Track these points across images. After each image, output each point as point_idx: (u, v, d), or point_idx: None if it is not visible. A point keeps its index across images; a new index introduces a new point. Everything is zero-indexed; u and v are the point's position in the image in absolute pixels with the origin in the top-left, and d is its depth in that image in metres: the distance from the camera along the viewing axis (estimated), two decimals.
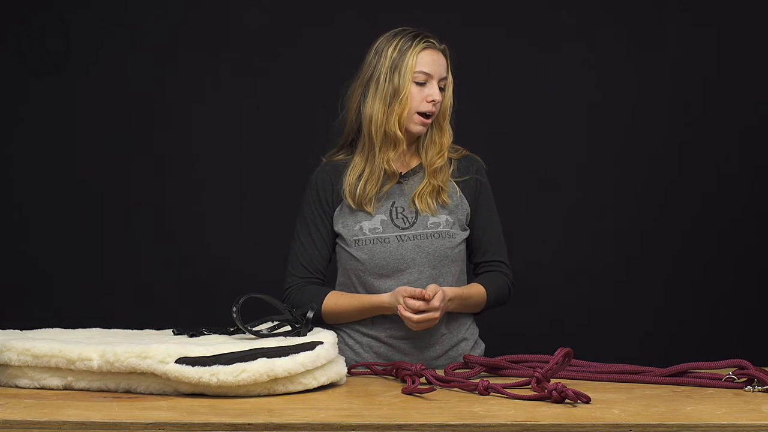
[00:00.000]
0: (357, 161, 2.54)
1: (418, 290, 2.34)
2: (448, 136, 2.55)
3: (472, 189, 2.58)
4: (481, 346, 2.62)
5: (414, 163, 2.58)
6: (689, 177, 4.04)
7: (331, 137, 2.63)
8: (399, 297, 2.37)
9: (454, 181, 2.56)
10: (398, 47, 2.48)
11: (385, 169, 2.51)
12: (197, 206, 4.05)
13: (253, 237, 4.01)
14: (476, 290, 2.53)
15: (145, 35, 4.04)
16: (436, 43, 2.51)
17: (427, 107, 2.49)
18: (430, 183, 2.53)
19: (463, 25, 3.92)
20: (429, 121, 2.51)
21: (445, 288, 2.43)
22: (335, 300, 2.51)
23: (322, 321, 2.53)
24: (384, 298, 2.44)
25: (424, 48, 2.49)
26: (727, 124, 4.04)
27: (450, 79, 2.53)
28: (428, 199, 2.52)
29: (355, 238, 2.51)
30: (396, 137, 2.48)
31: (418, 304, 2.34)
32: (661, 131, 4.05)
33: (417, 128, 2.51)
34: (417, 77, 2.47)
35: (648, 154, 4.05)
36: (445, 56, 2.53)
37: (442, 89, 2.51)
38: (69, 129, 4.05)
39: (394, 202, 2.54)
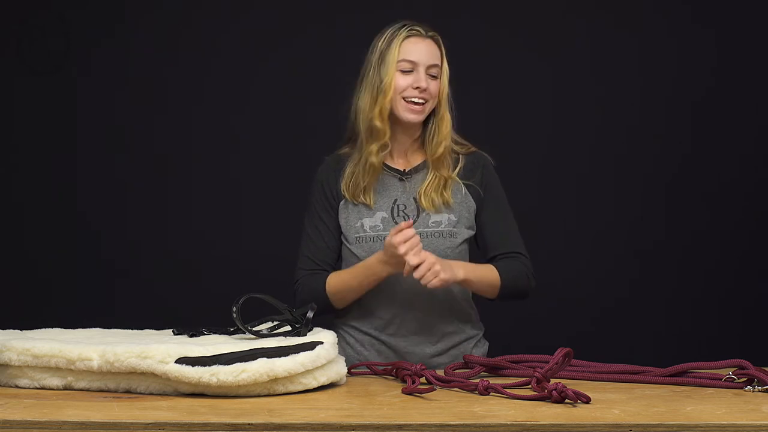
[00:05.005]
0: (354, 155, 2.56)
1: (402, 223, 2.34)
2: (446, 123, 2.52)
3: (477, 186, 2.56)
4: (485, 345, 2.62)
5: (417, 160, 2.58)
6: (690, 177, 4.04)
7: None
8: (387, 245, 2.35)
9: (460, 180, 2.55)
10: (386, 39, 2.49)
11: (369, 161, 2.50)
12: (197, 206, 4.05)
13: (253, 237, 4.01)
14: (486, 266, 2.50)
15: (145, 35, 4.04)
16: (422, 30, 2.50)
17: (413, 93, 2.48)
18: (435, 176, 2.52)
19: (463, 24, 3.92)
20: (420, 108, 2.49)
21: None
22: (337, 278, 2.50)
23: (331, 309, 2.53)
24: (378, 254, 2.42)
25: (408, 36, 2.49)
26: (729, 124, 4.04)
27: (445, 67, 2.52)
28: (433, 195, 2.51)
29: (356, 235, 2.51)
30: (376, 128, 2.48)
31: (398, 238, 2.31)
32: (662, 132, 4.05)
33: (408, 115, 2.49)
34: (402, 65, 2.47)
35: (649, 155, 4.05)
36: (437, 44, 2.52)
37: (435, 77, 2.50)
38: (69, 129, 4.05)
39: (396, 200, 2.54)
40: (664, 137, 4.04)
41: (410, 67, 2.47)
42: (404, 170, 2.57)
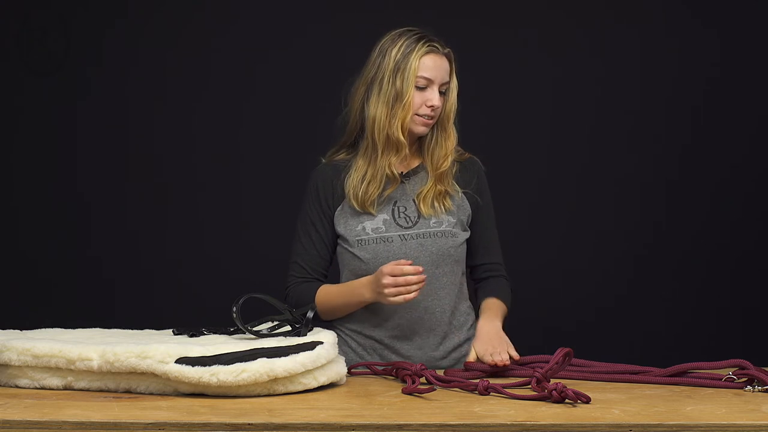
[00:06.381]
0: (360, 163, 2.53)
1: (408, 266, 2.30)
2: (452, 139, 2.54)
3: (474, 193, 2.58)
4: None
5: (415, 162, 2.58)
6: (690, 177, 4.04)
7: (337, 134, 2.61)
8: (380, 277, 2.32)
9: (457, 185, 2.56)
10: (402, 49, 2.46)
11: (386, 173, 2.51)
12: (197, 206, 4.05)
13: (253, 237, 4.01)
14: (499, 304, 2.55)
15: (145, 35, 4.04)
16: (439, 47, 2.49)
17: (425, 111, 2.47)
18: (435, 187, 2.52)
19: (463, 24, 3.92)
20: (431, 122, 2.50)
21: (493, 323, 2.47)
22: (326, 292, 2.50)
23: (321, 319, 2.54)
24: (367, 277, 2.41)
25: (428, 52, 2.46)
26: (729, 124, 4.04)
27: (454, 82, 2.52)
28: (434, 202, 2.51)
29: (357, 238, 2.51)
30: (398, 141, 2.47)
31: (387, 268, 2.30)
32: (663, 132, 4.04)
33: (419, 129, 2.50)
34: (419, 82, 2.45)
35: (649, 155, 4.04)
36: (449, 60, 2.51)
37: (443, 93, 2.50)
38: (69, 129, 4.05)
39: (396, 202, 2.53)
40: (664, 137, 4.04)
41: (425, 83, 2.47)
42: (402, 173, 2.56)
